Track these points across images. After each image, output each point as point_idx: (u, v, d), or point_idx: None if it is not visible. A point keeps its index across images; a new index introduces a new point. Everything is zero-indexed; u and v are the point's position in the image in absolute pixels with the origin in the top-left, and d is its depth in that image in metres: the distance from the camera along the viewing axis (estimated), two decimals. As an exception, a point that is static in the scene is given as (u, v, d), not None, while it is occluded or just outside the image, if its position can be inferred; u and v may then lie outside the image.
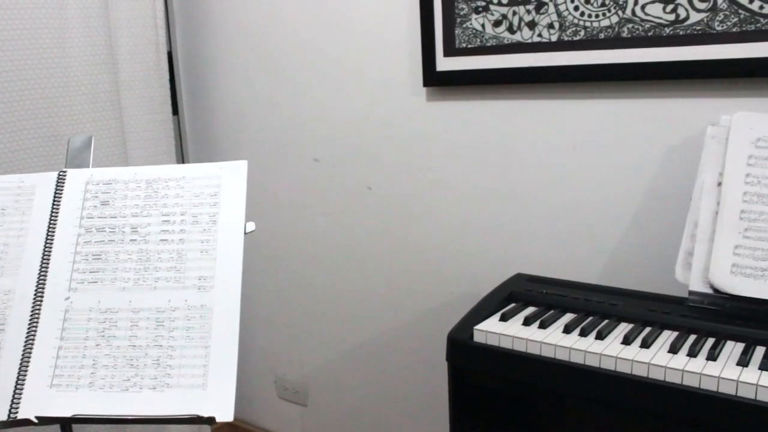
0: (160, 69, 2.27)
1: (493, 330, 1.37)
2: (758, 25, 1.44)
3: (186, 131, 2.50)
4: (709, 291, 1.39)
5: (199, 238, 1.22)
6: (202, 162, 1.62)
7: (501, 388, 1.43)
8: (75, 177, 1.33)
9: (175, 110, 2.46)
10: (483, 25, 1.76)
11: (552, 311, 1.45)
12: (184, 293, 1.18)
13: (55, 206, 1.29)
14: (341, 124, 2.11)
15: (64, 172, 1.34)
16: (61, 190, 1.31)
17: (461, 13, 1.79)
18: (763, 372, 1.15)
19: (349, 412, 2.31)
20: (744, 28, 1.46)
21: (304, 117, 2.18)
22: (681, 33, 1.52)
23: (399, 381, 2.16)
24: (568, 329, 1.34)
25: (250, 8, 2.22)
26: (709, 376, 1.15)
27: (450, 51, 1.81)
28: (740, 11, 1.45)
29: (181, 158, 2.50)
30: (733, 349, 1.25)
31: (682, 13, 1.52)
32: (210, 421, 1.10)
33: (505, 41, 1.73)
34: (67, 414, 1.12)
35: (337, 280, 2.23)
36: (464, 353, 1.40)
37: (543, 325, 1.37)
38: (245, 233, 1.20)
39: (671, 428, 1.24)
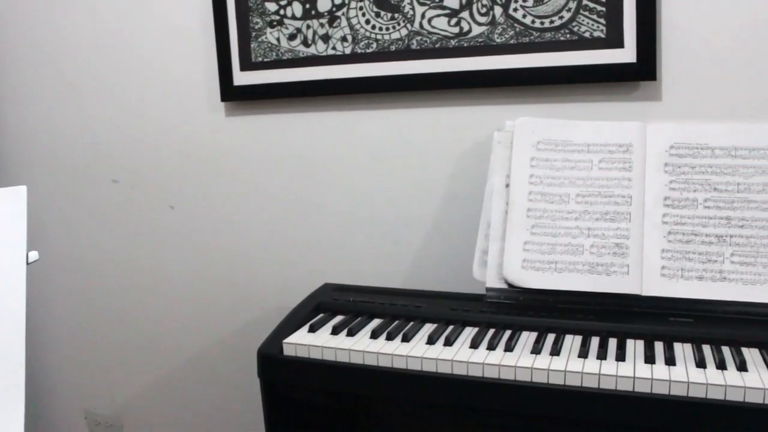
0: (-70, 90, 2.07)
1: (301, 342, 1.36)
2: (531, 37, 1.55)
3: (-34, 157, 2.30)
4: (504, 286, 1.47)
5: (-26, 270, 1.12)
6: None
7: (316, 400, 1.43)
8: None
9: (-49, 134, 2.25)
10: (278, 39, 1.76)
11: (359, 318, 1.47)
12: (-41, 332, 1.08)
13: None
14: (139, 143, 2.03)
15: None
16: None
17: (256, 27, 1.78)
18: (554, 357, 1.23)
19: (167, 441, 2.22)
20: (520, 41, 1.57)
21: (98, 137, 2.07)
22: (465, 45, 1.61)
23: (218, 402, 2.11)
24: (375, 334, 1.37)
25: (37, 23, 2.08)
26: (506, 366, 1.22)
27: (246, 65, 1.80)
28: (516, 25, 1.56)
29: (-38, 187, 2.29)
30: (527, 339, 1.32)
31: (465, 26, 1.60)
32: (-4, 469, 1.01)
33: (301, 54, 1.75)
34: None
35: (143, 304, 2.13)
36: (275, 368, 1.38)
37: (351, 333, 1.39)
38: (28, 263, 1.11)
39: (479, 420, 1.29)
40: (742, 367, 1.14)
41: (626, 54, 1.50)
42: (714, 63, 1.48)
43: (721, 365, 1.15)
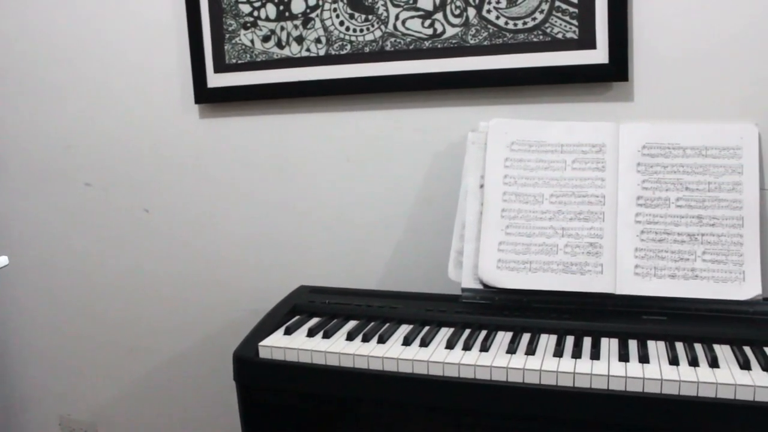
0: None
1: (277, 344, 1.36)
2: (505, 39, 1.56)
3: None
4: (480, 287, 1.47)
5: (-58, 275, 1.10)
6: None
7: (293, 403, 1.42)
8: None
9: None
10: (252, 41, 1.76)
11: (335, 320, 1.47)
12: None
13: None
14: (112, 146, 2.01)
15: None
16: None
17: (230, 29, 1.77)
18: (529, 357, 1.24)
19: (143, 447, 2.20)
20: (494, 42, 1.57)
21: (70, 140, 2.05)
22: (439, 46, 1.61)
23: (195, 406, 2.09)
24: (351, 336, 1.36)
25: (8, 22, 2.05)
26: (482, 366, 1.22)
27: (220, 67, 1.79)
28: (489, 26, 1.57)
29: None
30: (503, 338, 1.33)
31: (439, 28, 1.61)
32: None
33: (275, 56, 1.74)
34: None
35: (119, 307, 2.11)
36: (251, 371, 1.38)
37: (327, 335, 1.38)
38: (-2, 267, 1.10)
39: (455, 420, 1.29)
40: (714, 363, 1.15)
41: (598, 55, 1.51)
42: (685, 64, 1.50)
43: (693, 362, 1.16)
